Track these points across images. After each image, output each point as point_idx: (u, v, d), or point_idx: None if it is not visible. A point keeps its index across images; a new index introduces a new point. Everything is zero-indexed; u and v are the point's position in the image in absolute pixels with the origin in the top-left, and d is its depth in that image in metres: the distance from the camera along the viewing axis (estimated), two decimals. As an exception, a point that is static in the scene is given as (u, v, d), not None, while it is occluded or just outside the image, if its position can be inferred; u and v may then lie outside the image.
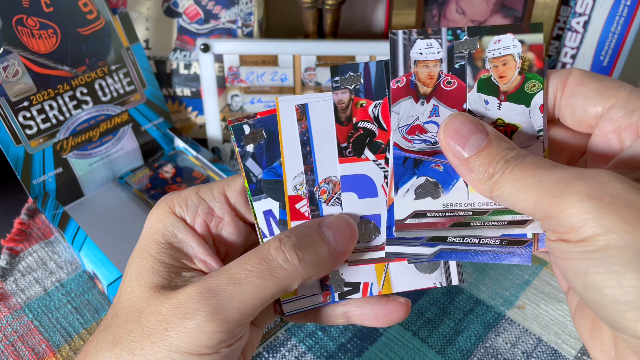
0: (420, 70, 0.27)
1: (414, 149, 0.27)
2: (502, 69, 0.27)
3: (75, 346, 0.44)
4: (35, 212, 0.55)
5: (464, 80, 0.27)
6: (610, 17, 0.63)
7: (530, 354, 0.43)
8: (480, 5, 0.64)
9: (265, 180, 0.29)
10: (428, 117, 0.27)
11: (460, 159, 0.26)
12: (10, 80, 0.47)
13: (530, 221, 0.27)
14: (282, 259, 0.26)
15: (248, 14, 0.61)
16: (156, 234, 0.28)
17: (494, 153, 0.25)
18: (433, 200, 0.27)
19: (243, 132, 0.29)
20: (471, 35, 0.27)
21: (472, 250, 0.28)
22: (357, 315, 0.30)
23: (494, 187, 0.25)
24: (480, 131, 0.25)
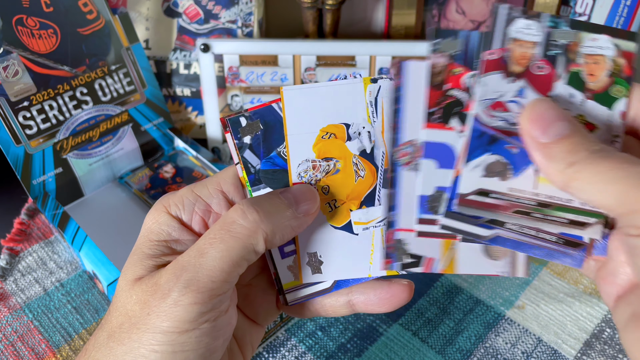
0: (515, 48, 0.27)
1: (493, 125, 0.27)
2: (593, 67, 0.27)
3: (75, 346, 0.44)
4: (35, 212, 0.55)
5: (555, 68, 0.27)
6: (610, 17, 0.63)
7: (530, 354, 0.43)
8: (480, 5, 0.64)
9: (263, 170, 0.29)
10: (513, 96, 0.27)
11: (539, 143, 0.25)
12: (10, 80, 0.47)
13: (591, 225, 0.27)
14: (241, 216, 0.26)
15: (248, 14, 0.61)
16: (151, 234, 0.28)
17: (577, 142, 0.24)
18: (500, 181, 0.27)
19: (240, 124, 0.29)
20: (571, 27, 0.27)
21: (528, 241, 0.28)
22: (361, 302, 0.30)
23: (573, 177, 0.24)
24: (565, 119, 0.25)
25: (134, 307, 0.26)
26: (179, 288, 0.25)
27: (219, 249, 0.25)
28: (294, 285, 0.30)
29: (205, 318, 0.25)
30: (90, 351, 0.27)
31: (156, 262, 0.27)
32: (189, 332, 0.25)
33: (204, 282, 0.25)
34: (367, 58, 0.58)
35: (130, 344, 0.25)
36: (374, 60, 0.58)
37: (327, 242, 0.29)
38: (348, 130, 0.29)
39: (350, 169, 0.29)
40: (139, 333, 0.25)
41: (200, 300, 0.25)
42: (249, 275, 0.32)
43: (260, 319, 0.32)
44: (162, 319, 0.25)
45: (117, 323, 0.26)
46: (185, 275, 0.25)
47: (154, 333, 0.25)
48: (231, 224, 0.26)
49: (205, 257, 0.25)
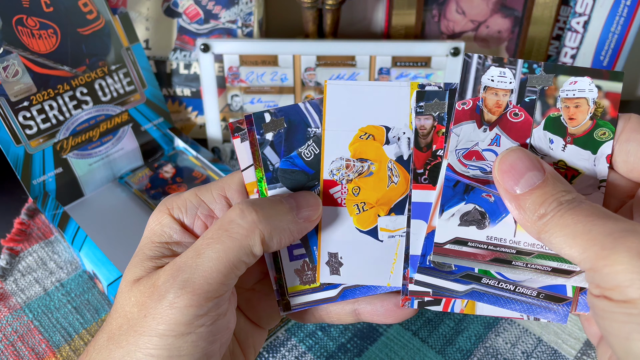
0: (488, 97, 0.27)
1: (468, 174, 0.27)
2: (573, 110, 0.27)
3: (75, 346, 0.44)
4: (35, 212, 0.55)
5: (532, 115, 0.27)
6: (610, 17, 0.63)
7: (530, 354, 0.43)
8: (480, 6, 0.64)
9: (282, 169, 0.29)
10: (488, 145, 0.27)
11: (512, 195, 0.25)
12: (10, 80, 0.47)
13: (577, 272, 0.26)
14: (239, 216, 0.26)
15: (248, 14, 0.61)
16: (153, 235, 0.28)
17: (548, 193, 0.24)
18: (478, 230, 0.27)
19: (263, 119, 0.29)
20: (547, 71, 0.27)
21: (505, 296, 0.27)
22: (367, 312, 0.30)
23: (542, 229, 0.24)
24: (537, 169, 0.25)
25: (133, 309, 0.26)
26: (175, 290, 0.24)
27: (215, 249, 0.25)
28: (300, 289, 0.29)
29: (202, 321, 0.25)
30: (91, 353, 0.27)
31: (156, 263, 0.27)
32: (185, 336, 0.24)
33: (200, 284, 0.24)
34: (367, 58, 0.58)
35: (128, 347, 0.25)
36: (374, 60, 0.58)
37: (350, 245, 0.29)
38: (387, 133, 0.28)
39: (384, 174, 0.28)
40: (136, 336, 0.25)
41: (196, 302, 0.24)
42: (252, 280, 0.32)
43: (263, 323, 0.31)
44: (157, 322, 0.24)
45: (117, 325, 0.26)
46: (182, 276, 0.25)
47: (150, 336, 0.24)
48: (229, 223, 0.26)
49: (201, 258, 0.25)
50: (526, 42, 0.65)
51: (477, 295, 0.27)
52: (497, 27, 0.65)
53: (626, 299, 0.21)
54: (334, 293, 0.29)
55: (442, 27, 0.66)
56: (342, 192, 0.29)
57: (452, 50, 0.57)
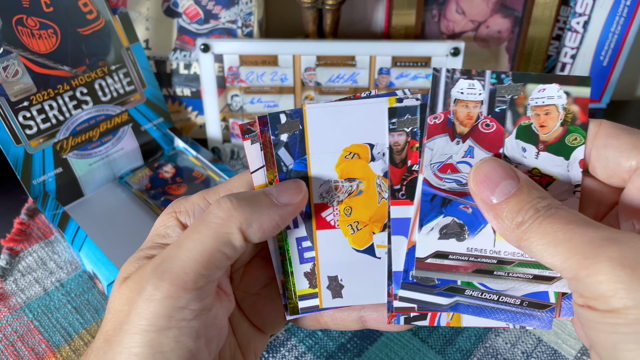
0: (459, 109, 0.27)
1: (444, 187, 0.27)
2: (543, 118, 0.27)
3: (75, 346, 0.44)
4: (35, 212, 0.55)
5: (503, 124, 0.27)
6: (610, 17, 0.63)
7: (530, 354, 0.43)
8: (480, 6, 0.64)
9: (295, 171, 0.29)
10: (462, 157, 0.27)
11: (488, 205, 0.25)
12: (10, 80, 0.47)
13: (558, 278, 0.26)
14: (215, 206, 0.25)
15: (248, 14, 0.61)
16: (156, 237, 0.28)
17: (523, 201, 0.24)
18: (457, 242, 0.27)
19: (279, 120, 0.28)
20: (515, 80, 0.27)
21: (489, 307, 0.27)
22: (373, 319, 0.29)
23: (521, 237, 0.24)
24: (511, 177, 0.25)
25: (123, 307, 0.25)
26: (154, 280, 0.24)
27: (192, 239, 0.25)
28: (309, 292, 0.29)
29: (182, 315, 0.24)
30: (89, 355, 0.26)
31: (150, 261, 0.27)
32: (165, 331, 0.24)
33: (176, 273, 0.24)
34: (367, 58, 0.58)
35: (116, 347, 0.25)
36: (374, 60, 0.58)
37: (349, 266, 0.29)
38: (372, 150, 0.28)
39: (374, 191, 0.28)
40: (121, 335, 0.25)
41: (174, 293, 0.24)
42: (258, 285, 0.31)
43: (267, 328, 0.31)
44: (139, 317, 0.24)
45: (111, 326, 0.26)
46: (161, 267, 0.25)
47: (133, 334, 0.24)
48: (207, 214, 0.26)
49: (181, 249, 0.25)
50: (526, 42, 0.65)
51: (463, 308, 0.27)
52: (497, 27, 0.65)
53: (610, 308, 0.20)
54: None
55: (442, 27, 0.66)
56: (334, 214, 0.29)
57: (452, 50, 0.57)
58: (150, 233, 0.29)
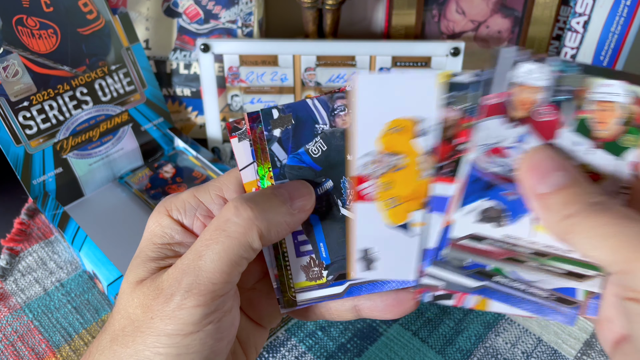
0: (517, 93, 0.26)
1: (491, 171, 0.26)
2: (603, 114, 0.26)
3: (75, 346, 0.44)
4: (35, 212, 0.55)
5: (560, 115, 0.26)
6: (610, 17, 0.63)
7: (530, 354, 0.43)
8: (480, 5, 0.64)
9: (289, 165, 0.29)
10: (513, 142, 0.26)
11: (536, 193, 0.24)
12: (10, 80, 0.47)
13: (589, 277, 0.26)
14: (234, 214, 0.26)
15: (248, 14, 0.61)
16: (155, 237, 0.28)
17: (575, 194, 0.23)
18: (495, 227, 0.26)
19: (271, 116, 0.28)
20: (581, 72, 0.26)
21: (516, 295, 0.27)
22: (367, 307, 0.30)
23: (568, 229, 0.23)
24: (564, 169, 0.24)
25: (136, 310, 0.26)
26: (181, 292, 0.25)
27: (215, 250, 0.25)
28: (306, 285, 0.29)
29: (209, 319, 0.25)
30: (94, 354, 0.27)
31: (159, 264, 0.27)
32: (193, 335, 0.25)
33: (205, 285, 0.25)
34: (367, 58, 0.58)
35: (135, 346, 0.25)
36: (374, 60, 0.58)
37: (382, 240, 0.28)
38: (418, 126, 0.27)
39: (415, 167, 0.28)
40: (143, 336, 0.25)
41: (203, 302, 0.25)
42: (252, 280, 0.32)
43: (264, 322, 0.31)
44: (165, 323, 0.25)
45: (120, 326, 0.26)
46: (186, 279, 0.25)
47: (158, 336, 0.25)
48: (225, 222, 0.26)
49: (203, 260, 0.25)
50: (526, 42, 0.65)
51: (489, 292, 0.27)
52: (497, 27, 0.65)
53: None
54: (340, 289, 0.29)
55: (442, 27, 0.66)
56: (372, 187, 0.28)
57: (452, 50, 0.57)
58: (147, 233, 0.29)
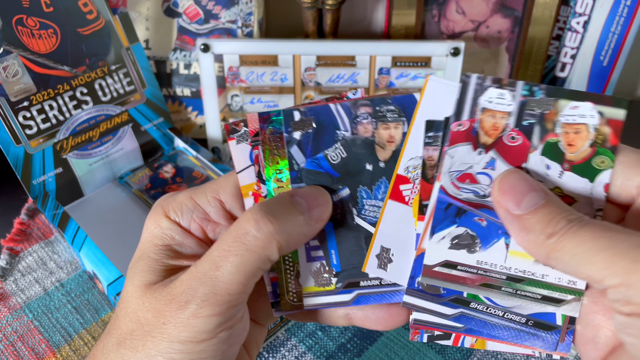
0: (486, 118, 0.26)
1: (461, 197, 0.26)
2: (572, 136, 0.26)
3: (75, 346, 0.44)
4: (35, 212, 0.55)
5: (530, 139, 0.26)
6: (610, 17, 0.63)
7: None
8: (480, 5, 0.64)
9: (307, 169, 0.28)
10: (483, 168, 0.26)
11: (514, 215, 0.24)
12: (10, 80, 0.47)
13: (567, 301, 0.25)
14: (254, 228, 0.25)
15: (248, 14, 0.61)
16: (155, 238, 0.28)
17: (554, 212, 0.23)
18: (468, 254, 0.26)
19: (292, 118, 0.28)
20: (548, 94, 0.26)
21: (494, 322, 0.27)
22: (358, 317, 0.30)
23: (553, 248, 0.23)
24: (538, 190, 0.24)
25: (146, 314, 0.26)
26: (197, 301, 0.25)
27: (234, 262, 0.25)
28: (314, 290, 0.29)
29: (223, 327, 0.25)
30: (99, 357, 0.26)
31: (164, 266, 0.27)
32: (206, 342, 0.25)
33: (222, 296, 0.25)
34: (367, 58, 0.58)
35: (146, 351, 0.25)
36: (374, 60, 0.58)
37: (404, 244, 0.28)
38: None
39: None
40: (154, 341, 0.25)
41: (219, 312, 0.25)
42: None
43: (261, 320, 0.32)
44: (179, 329, 0.25)
45: (128, 330, 0.26)
46: (202, 288, 0.25)
47: (171, 342, 0.25)
48: (245, 235, 0.25)
49: (220, 271, 0.25)
50: (526, 42, 0.65)
51: (466, 320, 0.27)
52: (497, 27, 0.65)
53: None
54: (348, 298, 0.29)
55: (442, 27, 0.66)
56: (412, 191, 0.28)
57: (452, 50, 0.57)
58: (146, 235, 0.29)
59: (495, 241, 0.26)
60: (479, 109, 0.26)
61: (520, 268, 0.26)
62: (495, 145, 0.26)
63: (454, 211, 0.26)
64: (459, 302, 0.27)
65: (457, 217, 0.26)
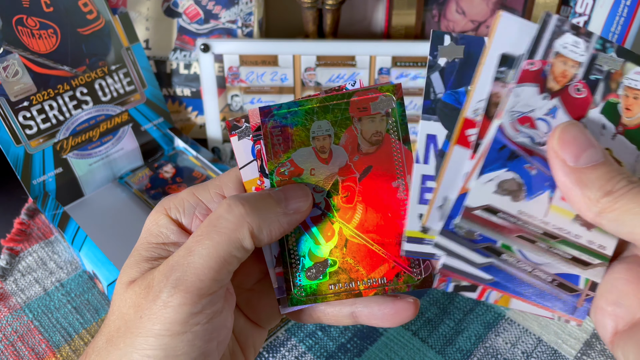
0: (557, 63, 0.26)
1: (517, 140, 0.25)
2: (631, 101, 0.26)
3: (75, 346, 0.44)
4: (35, 212, 0.55)
5: (593, 94, 0.26)
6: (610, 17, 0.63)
7: (530, 354, 0.43)
8: (480, 5, 0.64)
9: (443, 102, 0.27)
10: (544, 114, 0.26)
11: (571, 168, 0.24)
12: (10, 80, 0.47)
13: (593, 265, 0.26)
14: (226, 210, 0.25)
15: (248, 14, 0.61)
16: (150, 236, 0.28)
17: (614, 171, 0.23)
18: (511, 202, 0.25)
19: (442, 41, 0.27)
20: (619, 54, 0.26)
21: (521, 277, 0.26)
22: (364, 315, 0.29)
23: (608, 207, 0.22)
24: (597, 147, 0.24)
25: (129, 310, 0.26)
26: (168, 289, 0.24)
27: (205, 245, 0.25)
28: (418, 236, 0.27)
29: (197, 320, 0.25)
30: (90, 355, 0.27)
31: (152, 264, 0.27)
32: (180, 335, 0.24)
33: (192, 281, 0.24)
34: (367, 58, 0.58)
35: (125, 348, 0.25)
36: (374, 60, 0.58)
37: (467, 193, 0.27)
38: None
39: None
40: (132, 337, 0.25)
41: (190, 300, 0.24)
42: (251, 280, 0.32)
43: (263, 322, 0.31)
44: (153, 322, 0.24)
45: (115, 327, 0.26)
46: (174, 275, 0.25)
47: (146, 337, 0.24)
48: (217, 219, 0.26)
49: (192, 256, 0.25)
50: (526, 42, 0.65)
51: (494, 271, 0.26)
52: (497, 27, 0.65)
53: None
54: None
55: (442, 27, 0.66)
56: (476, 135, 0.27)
57: (452, 50, 0.57)
58: (143, 232, 0.29)
59: (540, 193, 0.26)
60: (553, 52, 0.26)
61: (558, 225, 0.26)
62: (560, 93, 0.26)
63: (506, 154, 0.26)
64: (492, 251, 0.26)
65: (508, 161, 0.26)
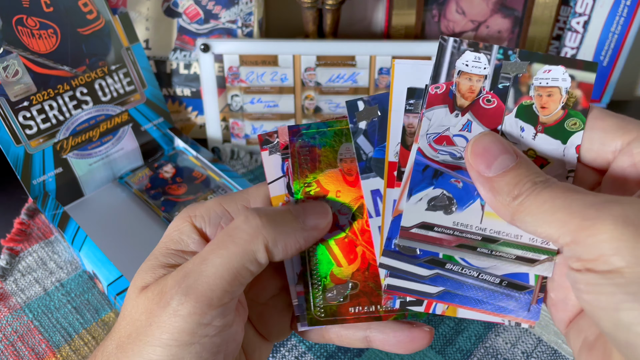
0: (462, 81, 0.27)
1: (437, 159, 0.27)
2: (545, 99, 0.27)
3: (75, 346, 0.44)
4: (35, 212, 0.55)
5: (504, 102, 0.27)
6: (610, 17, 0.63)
7: (530, 354, 0.43)
8: (480, 5, 0.64)
9: (375, 159, 0.28)
10: (459, 131, 0.27)
11: (484, 177, 0.25)
12: (10, 80, 0.47)
13: (540, 261, 0.26)
14: (243, 221, 0.25)
15: (248, 14, 0.61)
16: (170, 242, 0.28)
17: (522, 175, 0.24)
18: (444, 215, 0.26)
19: (356, 108, 0.28)
20: (522, 58, 0.27)
21: (469, 283, 0.27)
22: (378, 340, 0.29)
23: (517, 209, 0.24)
24: (509, 152, 0.25)
25: (141, 316, 0.25)
26: (179, 296, 0.24)
27: (219, 255, 0.25)
28: None
29: (205, 331, 0.24)
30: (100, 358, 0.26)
31: (168, 271, 0.27)
32: (188, 346, 0.24)
33: (203, 290, 0.24)
34: (367, 58, 0.58)
35: (133, 357, 0.25)
36: (374, 60, 0.58)
37: None
38: None
39: None
40: (140, 345, 0.25)
41: (199, 310, 0.24)
42: (267, 294, 0.31)
43: (272, 337, 0.31)
44: (161, 331, 0.24)
45: (126, 333, 0.26)
46: (186, 282, 0.24)
47: (154, 346, 0.24)
48: (234, 229, 0.25)
49: (206, 264, 0.25)
50: (526, 42, 0.65)
51: (441, 281, 0.27)
52: (497, 27, 0.65)
53: (611, 268, 0.20)
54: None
55: (442, 27, 0.66)
56: None
57: (452, 50, 0.57)
58: (164, 238, 0.28)
59: (471, 202, 0.27)
60: (456, 72, 0.27)
61: (495, 229, 0.26)
62: (471, 108, 0.27)
63: (430, 173, 0.27)
64: (435, 263, 0.27)
65: (434, 179, 0.27)
